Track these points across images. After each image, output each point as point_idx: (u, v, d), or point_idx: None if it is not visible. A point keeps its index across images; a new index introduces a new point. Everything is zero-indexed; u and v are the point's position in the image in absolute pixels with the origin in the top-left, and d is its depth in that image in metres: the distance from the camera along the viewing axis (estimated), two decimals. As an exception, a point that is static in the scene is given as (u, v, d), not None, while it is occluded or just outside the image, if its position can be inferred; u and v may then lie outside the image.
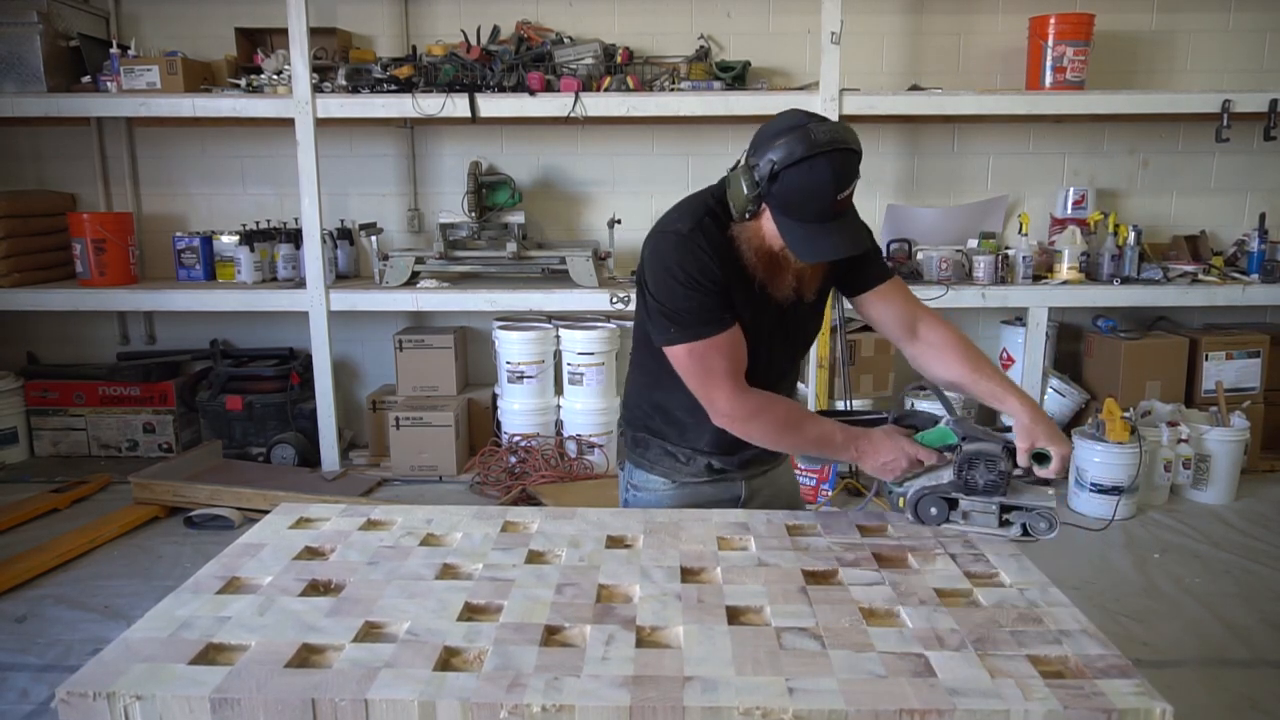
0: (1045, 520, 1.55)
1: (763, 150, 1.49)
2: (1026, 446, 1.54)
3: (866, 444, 1.62)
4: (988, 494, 1.56)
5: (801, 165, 1.45)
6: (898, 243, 4.41)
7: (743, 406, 1.60)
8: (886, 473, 1.62)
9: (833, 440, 1.62)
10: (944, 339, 1.72)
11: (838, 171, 1.46)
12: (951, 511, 1.59)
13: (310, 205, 4.11)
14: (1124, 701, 1.07)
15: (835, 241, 1.50)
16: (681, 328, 1.58)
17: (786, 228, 1.51)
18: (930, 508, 1.60)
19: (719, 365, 1.58)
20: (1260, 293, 4.18)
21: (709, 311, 1.57)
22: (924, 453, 1.60)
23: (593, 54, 4.15)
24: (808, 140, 1.45)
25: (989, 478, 1.55)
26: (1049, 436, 1.53)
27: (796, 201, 1.48)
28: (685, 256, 1.56)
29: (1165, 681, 2.53)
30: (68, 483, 4.13)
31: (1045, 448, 1.53)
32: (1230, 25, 4.48)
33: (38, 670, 2.63)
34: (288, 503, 1.77)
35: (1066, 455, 1.54)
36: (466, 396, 4.53)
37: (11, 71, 4.12)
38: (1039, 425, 1.54)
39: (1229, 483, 3.95)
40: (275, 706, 1.09)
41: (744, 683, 1.11)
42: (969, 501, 1.57)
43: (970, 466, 1.56)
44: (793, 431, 1.62)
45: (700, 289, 1.56)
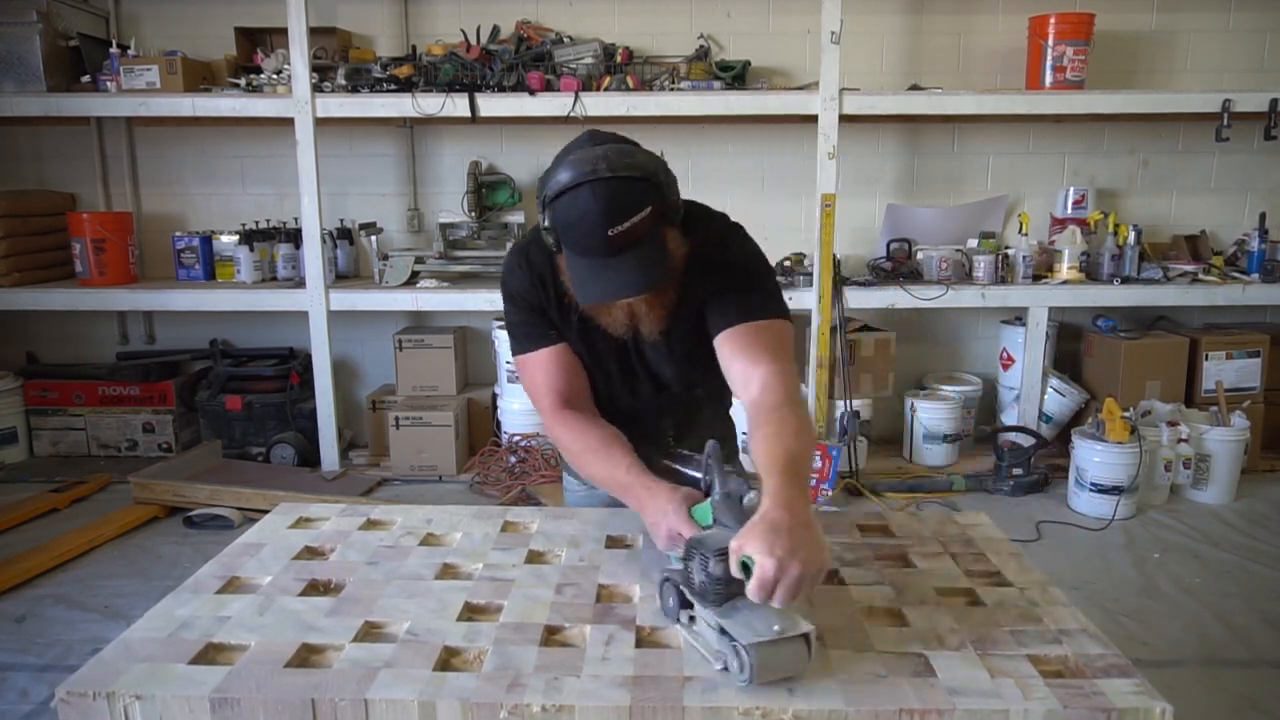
0: (739, 660, 1.10)
1: (543, 181, 1.40)
2: (735, 547, 1.14)
3: (647, 498, 1.38)
4: (702, 599, 1.19)
5: (565, 196, 1.34)
6: (897, 243, 4.41)
7: (556, 424, 1.56)
8: (655, 538, 1.37)
9: (618, 481, 1.45)
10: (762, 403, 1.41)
11: (604, 202, 1.31)
12: (684, 610, 1.24)
13: (310, 205, 4.11)
14: (1124, 701, 1.07)
15: (611, 280, 1.35)
16: (513, 340, 1.62)
17: (569, 262, 1.41)
18: (668, 596, 1.27)
19: (539, 381, 1.58)
20: (1260, 292, 4.18)
21: (529, 327, 1.58)
22: (685, 527, 1.30)
23: (593, 54, 4.15)
24: (574, 167, 1.33)
25: (700, 578, 1.19)
26: (759, 543, 1.11)
27: (568, 234, 1.36)
28: (509, 273, 1.58)
29: (1165, 681, 2.53)
30: (67, 483, 4.13)
31: (749, 557, 1.12)
32: (1230, 25, 4.48)
33: (38, 670, 2.63)
34: (287, 503, 1.77)
35: (768, 577, 1.09)
36: (466, 396, 4.53)
37: (11, 71, 4.12)
38: (759, 526, 1.15)
39: (1229, 483, 3.95)
40: (275, 706, 1.09)
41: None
42: (696, 603, 1.21)
43: (689, 558, 1.22)
44: (589, 460, 1.51)
45: (519, 305, 1.57)
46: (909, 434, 4.40)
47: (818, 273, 4.08)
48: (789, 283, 4.19)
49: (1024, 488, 4.04)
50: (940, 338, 4.77)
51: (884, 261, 4.33)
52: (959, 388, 4.51)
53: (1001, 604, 1.33)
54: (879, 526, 1.64)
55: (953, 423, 4.32)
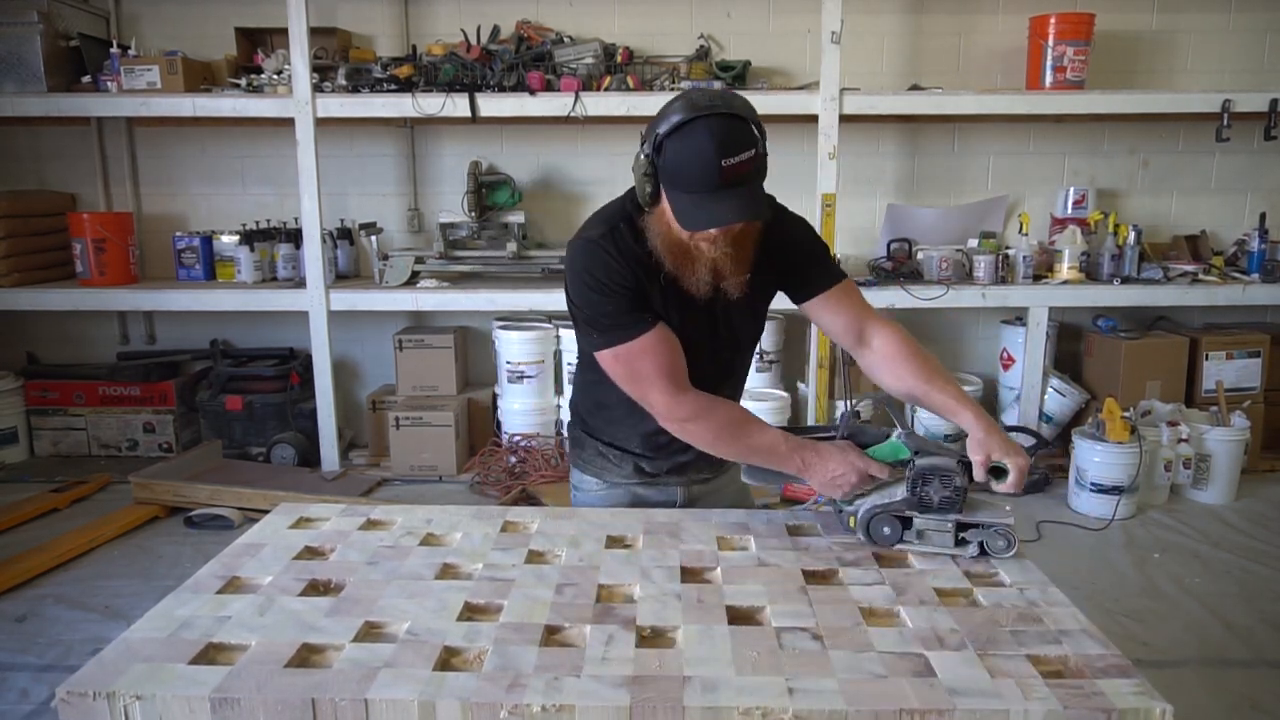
0: (1004, 538, 1.46)
1: (652, 128, 1.46)
2: (982, 460, 1.46)
3: (814, 456, 1.52)
4: (943, 511, 1.46)
5: (681, 131, 1.40)
6: (898, 243, 4.41)
7: (680, 408, 1.55)
8: (835, 488, 1.52)
9: (777, 450, 1.54)
10: (896, 348, 1.65)
11: (718, 135, 1.39)
12: (905, 530, 1.49)
13: (310, 205, 4.11)
14: (1124, 701, 1.07)
15: (718, 210, 1.42)
16: (603, 333, 1.56)
17: (674, 200, 1.45)
18: (883, 527, 1.49)
19: (647, 367, 1.54)
20: (1260, 292, 4.18)
21: (626, 314, 1.54)
22: (875, 467, 1.51)
23: (593, 53, 4.15)
24: (687, 105, 1.41)
25: (944, 494, 1.46)
26: (1004, 450, 1.46)
27: (681, 170, 1.42)
28: (594, 262, 1.54)
29: (1165, 681, 2.53)
30: (68, 483, 4.13)
31: (1001, 461, 1.46)
32: (1230, 25, 4.48)
33: (38, 670, 2.63)
34: (288, 503, 1.77)
35: (1023, 469, 1.46)
36: (466, 396, 4.53)
37: (11, 71, 4.12)
38: (993, 438, 1.47)
39: (1229, 483, 3.95)
40: (275, 706, 1.09)
41: (744, 683, 1.11)
42: (923, 519, 1.47)
43: (924, 483, 1.47)
44: (734, 437, 1.56)
45: (613, 293, 1.53)
46: (909, 434, 4.39)
47: (818, 273, 4.07)
48: (789, 283, 4.19)
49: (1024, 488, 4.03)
50: (941, 338, 4.77)
51: (884, 261, 4.33)
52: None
53: (1001, 604, 1.33)
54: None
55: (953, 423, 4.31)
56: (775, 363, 4.46)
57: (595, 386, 1.72)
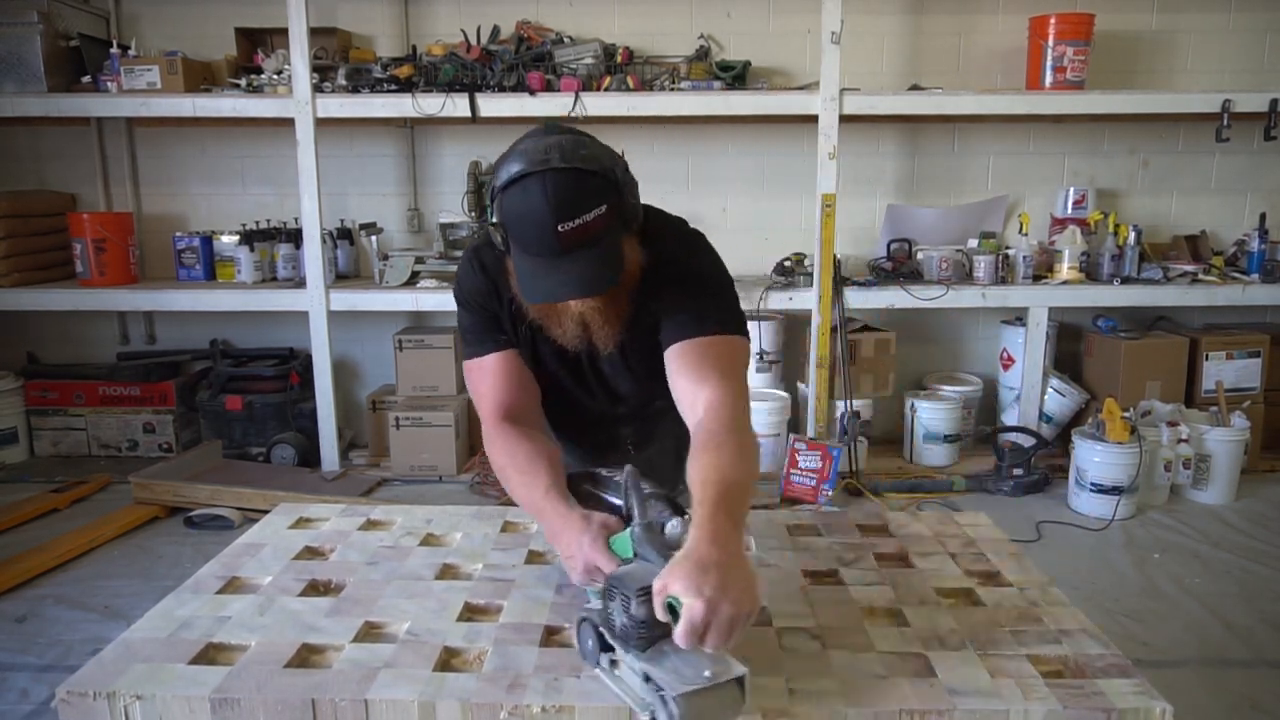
0: (667, 712, 1.00)
1: (496, 167, 1.31)
2: (659, 587, 1.05)
3: (560, 525, 1.30)
4: (624, 643, 1.10)
5: (514, 187, 1.25)
6: (898, 243, 4.41)
7: (490, 433, 1.48)
8: (569, 571, 1.30)
9: (536, 507, 1.37)
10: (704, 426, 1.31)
11: (553, 196, 1.22)
12: (604, 652, 1.14)
13: (310, 205, 4.11)
14: (1124, 701, 1.07)
15: (555, 280, 1.27)
16: (464, 344, 1.55)
17: (516, 259, 1.32)
18: (587, 638, 1.16)
19: (484, 388, 1.50)
20: (1260, 293, 4.18)
21: (480, 331, 1.51)
22: (603, 560, 1.22)
23: (593, 54, 4.15)
24: (525, 156, 1.24)
25: (622, 621, 1.09)
26: (686, 583, 1.02)
27: (516, 232, 1.28)
28: (463, 272, 1.52)
29: (1165, 681, 2.52)
30: (68, 483, 4.13)
31: (675, 598, 1.03)
32: (1230, 25, 4.48)
33: (38, 670, 2.63)
34: (287, 503, 1.78)
35: (698, 617, 1.01)
36: (466, 397, 4.52)
37: (11, 71, 4.12)
38: (685, 564, 1.05)
39: (1229, 483, 3.95)
40: (275, 706, 1.09)
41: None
42: (618, 647, 1.11)
43: (609, 598, 1.13)
44: (511, 480, 1.42)
45: (470, 308, 1.51)
46: (909, 434, 4.40)
47: (818, 273, 4.08)
48: (789, 283, 4.20)
49: (1024, 488, 4.04)
50: (940, 338, 4.77)
51: (884, 261, 4.33)
52: (959, 388, 4.51)
53: (1001, 604, 1.33)
54: (879, 526, 1.64)
55: (953, 423, 4.32)
56: (775, 363, 4.46)
57: None
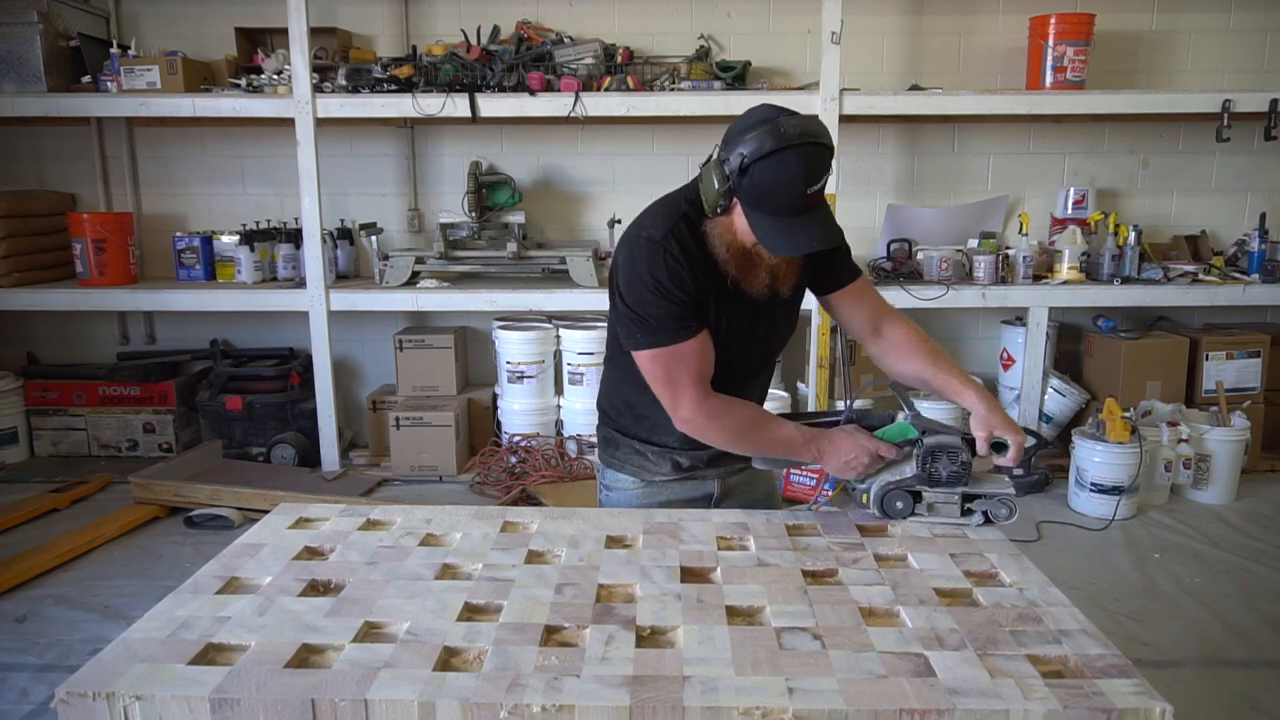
0: (1006, 507, 1.60)
1: (733, 144, 1.49)
2: (985, 436, 1.57)
3: (827, 444, 1.62)
4: (950, 485, 1.60)
5: (771, 158, 1.44)
6: (898, 243, 4.40)
7: (703, 413, 1.60)
8: (849, 470, 1.63)
9: (794, 441, 1.63)
10: (907, 337, 1.74)
11: (808, 165, 1.45)
12: (916, 504, 1.63)
13: (310, 205, 4.11)
14: (1124, 701, 1.07)
15: (807, 235, 1.50)
16: (649, 333, 1.59)
17: (757, 222, 1.51)
18: (896, 501, 1.63)
19: (683, 372, 1.59)
20: (1260, 293, 4.18)
21: (677, 320, 1.58)
22: (885, 448, 1.62)
23: (593, 54, 4.15)
24: (777, 134, 1.44)
25: (951, 469, 1.59)
26: (1005, 426, 1.57)
27: (767, 195, 1.48)
28: (656, 264, 1.57)
29: (1165, 681, 2.53)
30: (68, 483, 4.13)
31: (1002, 436, 1.57)
32: (1230, 25, 4.48)
33: (38, 670, 2.63)
34: (287, 503, 1.77)
35: (1021, 443, 1.57)
36: (466, 396, 4.53)
37: (11, 71, 4.12)
38: (995, 415, 1.58)
39: (1229, 483, 3.95)
40: (275, 707, 1.09)
41: (744, 683, 1.11)
42: (932, 493, 1.61)
43: (932, 459, 1.60)
44: (753, 434, 1.63)
45: (670, 297, 1.57)
46: (909, 434, 4.39)
47: (818, 273, 4.07)
48: (789, 283, 4.19)
49: (1024, 488, 4.04)
50: (941, 338, 4.77)
51: (884, 261, 4.33)
52: (959, 388, 4.50)
53: (1001, 604, 1.33)
54: (879, 526, 1.64)
55: (953, 423, 4.31)
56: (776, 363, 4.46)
57: (624, 385, 1.74)
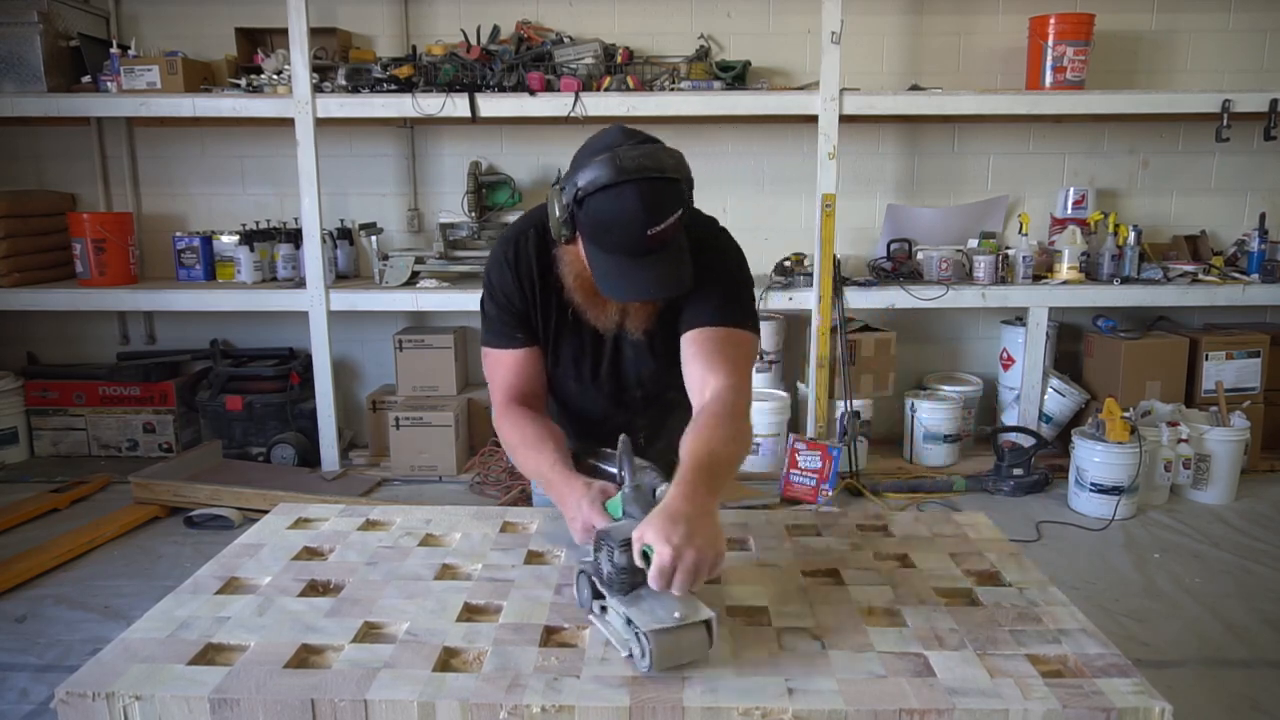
0: (639, 647, 1.14)
1: (573, 171, 1.40)
2: (636, 537, 1.18)
3: (565, 491, 1.42)
4: (609, 589, 1.23)
5: (608, 192, 1.33)
6: (898, 243, 4.41)
7: (501, 417, 1.62)
8: (572, 532, 1.40)
9: (545, 478, 1.49)
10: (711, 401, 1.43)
11: (647, 202, 1.32)
12: (594, 599, 1.27)
13: (310, 205, 4.11)
14: (1123, 700, 1.07)
15: (644, 279, 1.37)
16: (484, 331, 1.64)
17: (594, 258, 1.40)
18: (583, 588, 1.30)
19: (498, 376, 1.63)
20: (1260, 293, 4.18)
21: (502, 325, 1.59)
22: (597, 519, 1.34)
23: (593, 54, 4.15)
24: (614, 165, 1.33)
25: (607, 569, 1.22)
26: (657, 532, 1.15)
27: (604, 232, 1.36)
28: (494, 266, 1.59)
29: (1165, 681, 2.53)
30: (68, 483, 4.13)
31: (649, 546, 1.16)
32: (1230, 25, 4.48)
33: (38, 670, 2.63)
34: (287, 503, 1.77)
35: (666, 561, 1.12)
36: (466, 396, 4.53)
37: (11, 71, 4.12)
38: (658, 517, 1.18)
39: (1229, 483, 3.95)
40: (274, 707, 1.09)
41: (743, 683, 1.11)
42: (606, 593, 1.24)
43: (598, 549, 1.25)
44: (520, 453, 1.57)
45: (496, 301, 1.58)
46: (909, 434, 4.40)
47: (818, 273, 4.08)
48: (789, 283, 4.20)
49: (1024, 488, 4.04)
50: (940, 338, 4.77)
51: (884, 261, 4.33)
52: (959, 388, 4.51)
53: (1001, 604, 1.33)
54: (879, 526, 1.64)
55: (953, 423, 4.32)
56: (775, 363, 4.46)
57: None
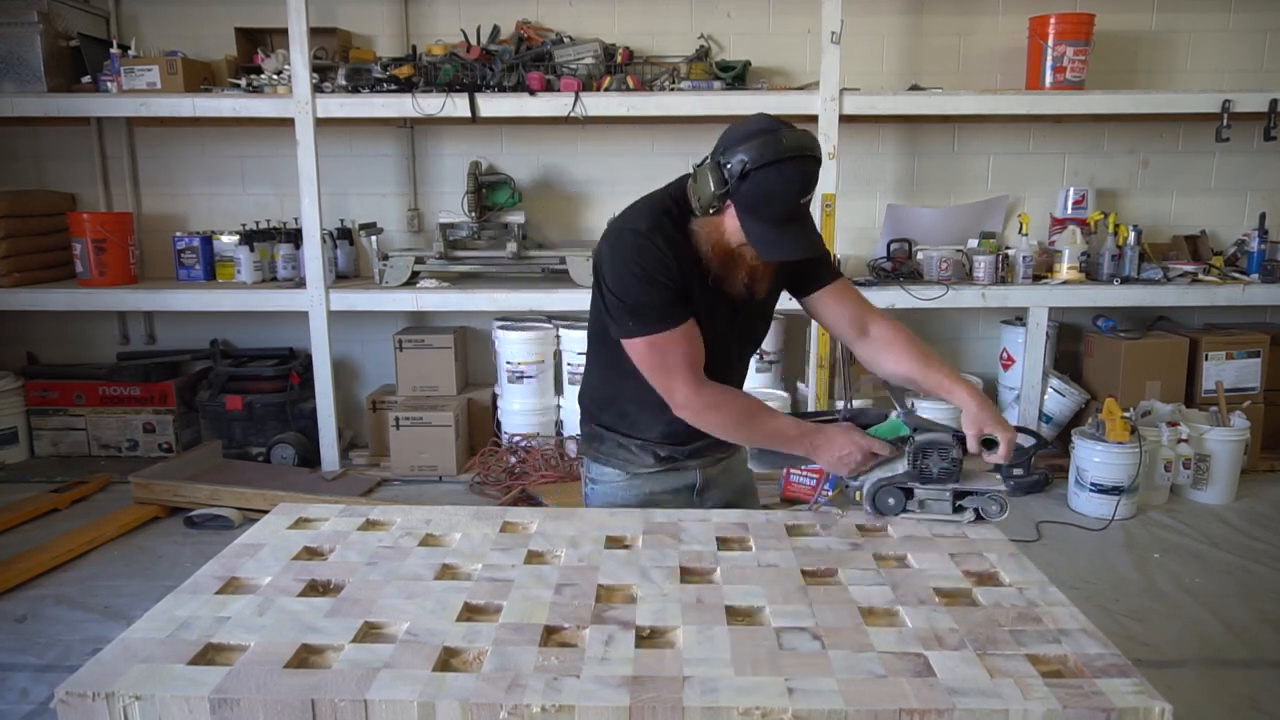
0: (996, 503, 1.61)
1: (734, 150, 1.55)
2: (975, 433, 1.59)
3: (821, 439, 1.65)
4: (941, 481, 1.61)
5: (772, 168, 1.51)
6: (898, 243, 4.40)
7: (700, 398, 1.64)
8: (842, 466, 1.64)
9: (787, 435, 1.66)
10: (893, 336, 1.77)
11: (804, 177, 1.53)
12: (908, 501, 1.64)
13: (310, 205, 4.11)
14: (1123, 700, 1.07)
15: (795, 241, 1.57)
16: (640, 321, 1.62)
17: (749, 226, 1.56)
18: (888, 498, 1.64)
19: (676, 358, 1.63)
20: (1260, 293, 4.18)
21: (666, 307, 1.62)
22: (878, 445, 1.64)
23: (593, 54, 4.15)
24: (780, 144, 1.51)
25: (942, 466, 1.61)
26: (995, 423, 1.59)
27: (763, 202, 1.54)
28: (643, 254, 1.62)
29: (1165, 681, 2.53)
30: (68, 483, 4.13)
31: (992, 434, 1.58)
32: (1230, 25, 4.48)
33: (38, 670, 2.63)
34: (287, 503, 1.77)
35: (1012, 440, 1.59)
36: (466, 396, 4.53)
37: (11, 71, 4.12)
38: (985, 413, 1.60)
39: (1229, 483, 3.95)
40: (274, 707, 1.09)
41: (744, 683, 1.11)
42: (924, 490, 1.63)
43: (924, 456, 1.61)
44: (748, 425, 1.67)
45: (657, 285, 1.61)
46: (909, 434, 4.39)
47: (818, 273, 4.07)
48: (789, 283, 4.19)
49: (1024, 488, 4.04)
50: (940, 338, 4.77)
51: (884, 261, 4.33)
52: (959, 388, 4.50)
53: (1000, 604, 1.33)
54: (879, 526, 1.64)
55: (953, 423, 4.31)
56: (775, 363, 4.46)
57: (607, 381, 1.79)
